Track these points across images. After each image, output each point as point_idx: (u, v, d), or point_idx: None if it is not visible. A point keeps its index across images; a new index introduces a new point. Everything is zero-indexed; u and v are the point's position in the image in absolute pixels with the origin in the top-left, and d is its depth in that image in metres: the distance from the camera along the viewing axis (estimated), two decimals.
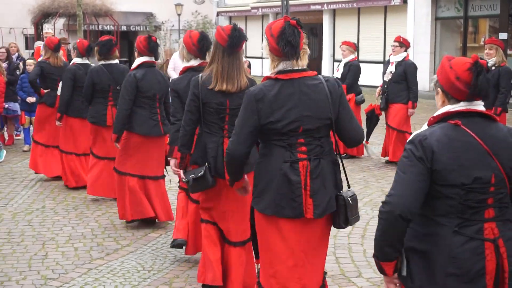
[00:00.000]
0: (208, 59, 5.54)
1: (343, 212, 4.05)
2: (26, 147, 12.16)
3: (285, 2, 18.23)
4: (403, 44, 10.80)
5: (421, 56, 23.18)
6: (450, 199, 3.13)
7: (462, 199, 3.12)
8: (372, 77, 26.90)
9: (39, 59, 11.43)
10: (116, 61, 8.52)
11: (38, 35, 29.37)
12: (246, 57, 14.28)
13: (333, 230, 7.13)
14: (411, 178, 3.12)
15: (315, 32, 30.49)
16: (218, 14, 35.93)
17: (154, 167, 7.34)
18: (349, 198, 4.06)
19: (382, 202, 3.18)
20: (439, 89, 3.28)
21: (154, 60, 7.27)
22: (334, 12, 29.21)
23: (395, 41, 10.89)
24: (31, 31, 32.61)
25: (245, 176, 4.39)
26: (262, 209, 4.01)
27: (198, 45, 5.83)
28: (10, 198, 8.85)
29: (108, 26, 33.23)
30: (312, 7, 29.45)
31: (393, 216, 3.11)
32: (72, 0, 27.91)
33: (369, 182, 9.78)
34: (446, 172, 3.11)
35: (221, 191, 5.17)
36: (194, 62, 5.88)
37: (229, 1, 35.84)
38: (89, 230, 7.36)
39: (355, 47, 11.65)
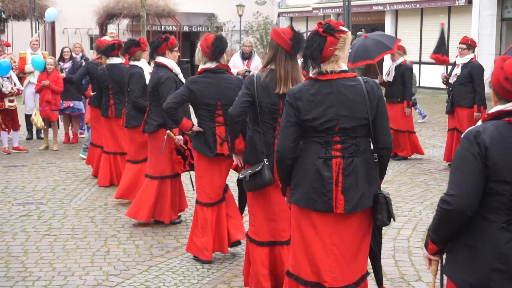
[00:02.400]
0: (222, 61, 6.00)
1: (385, 209, 4.15)
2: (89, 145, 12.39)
3: (346, 2, 18.10)
4: (471, 45, 10.53)
5: (486, 58, 22.68)
6: (500, 195, 3.15)
7: None
8: (434, 78, 26.53)
9: (89, 60, 11.76)
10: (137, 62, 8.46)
11: (103, 36, 29.91)
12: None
13: (393, 233, 7.15)
14: (469, 176, 3.16)
15: None
16: (279, 15, 35.92)
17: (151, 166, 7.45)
18: (389, 196, 4.19)
19: (442, 199, 3.24)
20: (491, 89, 3.31)
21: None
22: (396, 13, 28.88)
23: (462, 42, 10.56)
24: (96, 31, 33.25)
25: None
26: (296, 201, 4.18)
27: (212, 47, 6.05)
28: (74, 195, 9.05)
29: (170, 27, 33.62)
30: (374, 8, 29.18)
31: (453, 214, 3.19)
32: (136, 1, 28.34)
33: (430, 185, 9.64)
34: (497, 167, 3.13)
35: (269, 192, 5.22)
36: (211, 65, 6.09)
37: (290, 1, 35.81)
38: (150, 228, 7.47)
39: (404, 50, 11.46)
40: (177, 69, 7.23)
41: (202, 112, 6.09)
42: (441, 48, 11.85)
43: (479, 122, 3.32)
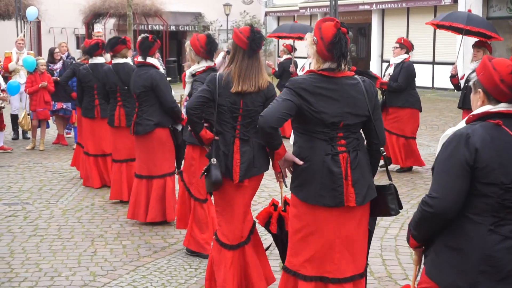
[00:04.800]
0: (216, 60, 6.00)
1: (395, 198, 4.30)
2: (76, 145, 12.32)
3: (333, 2, 18.13)
4: (404, 45, 10.40)
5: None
6: (487, 198, 3.14)
7: (500, 198, 3.13)
8: (421, 78, 26.63)
9: (76, 59, 11.71)
10: (125, 60, 8.46)
11: (89, 35, 29.78)
12: (295, 57, 14.31)
13: (380, 232, 7.17)
14: (455, 179, 3.15)
15: (364, 32, 30.30)
16: (266, 14, 35.94)
17: (140, 166, 7.43)
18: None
19: (424, 201, 3.24)
20: (480, 90, 3.26)
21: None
22: (383, 12, 28.97)
23: (396, 42, 10.50)
24: (82, 31, 33.11)
25: (287, 150, 4.39)
26: (304, 198, 4.21)
27: (206, 47, 6.16)
28: (60, 195, 9.01)
29: (157, 26, 33.52)
30: (361, 7, 29.24)
31: (434, 217, 3.21)
32: (123, 0, 28.26)
33: (417, 183, 9.68)
34: (487, 170, 3.11)
35: (231, 193, 5.19)
36: (207, 64, 6.18)
37: (277, 1, 35.82)
38: (137, 228, 7.45)
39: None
40: (162, 69, 7.27)
41: None
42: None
43: (463, 123, 3.29)
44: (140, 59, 7.25)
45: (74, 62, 11.65)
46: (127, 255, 6.57)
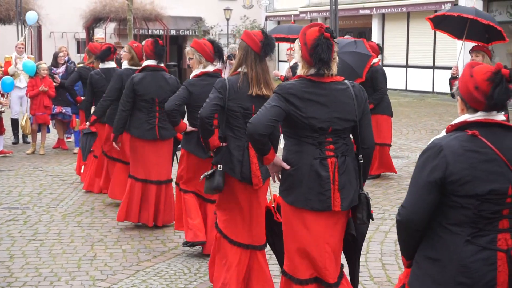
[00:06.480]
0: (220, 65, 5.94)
1: (365, 209, 4.31)
2: (76, 149, 12.30)
3: (333, 6, 18.14)
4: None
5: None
6: (464, 209, 3.08)
7: (476, 209, 3.07)
8: (421, 82, 26.67)
9: (79, 65, 11.66)
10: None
11: (90, 39, 29.82)
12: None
13: (380, 236, 7.16)
14: (422, 190, 3.13)
15: (364, 36, 30.29)
16: (266, 18, 35.96)
17: (155, 171, 7.41)
18: (369, 196, 4.37)
19: (398, 210, 3.25)
20: (458, 97, 3.21)
21: (159, 64, 7.38)
22: (383, 17, 29.00)
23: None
24: (82, 35, 33.15)
25: (276, 155, 4.38)
26: (292, 202, 4.24)
27: (216, 52, 6.32)
28: (60, 200, 9.01)
29: (157, 31, 33.54)
30: (361, 12, 29.28)
31: (404, 226, 3.21)
32: (123, 4, 28.26)
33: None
34: (460, 183, 3.06)
35: (241, 195, 5.23)
36: (211, 68, 6.29)
37: (277, 5, 35.87)
38: (137, 232, 7.45)
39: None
40: None
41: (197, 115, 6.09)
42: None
43: (443, 133, 3.25)
44: (150, 62, 7.27)
45: (78, 66, 11.62)
46: (126, 259, 6.56)
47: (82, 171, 9.79)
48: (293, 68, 14.14)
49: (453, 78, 9.44)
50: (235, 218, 5.28)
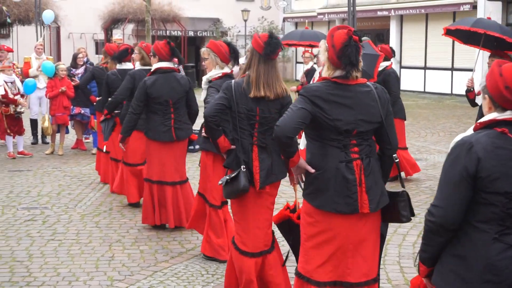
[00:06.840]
0: (236, 67, 6.09)
1: (409, 205, 4.34)
2: (94, 150, 12.32)
3: (351, 7, 18.09)
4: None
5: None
6: (493, 206, 3.09)
7: (505, 207, 3.08)
8: (439, 84, 26.52)
9: (95, 65, 11.72)
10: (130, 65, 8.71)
11: (108, 40, 29.97)
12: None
13: (398, 239, 7.13)
14: (456, 188, 3.12)
15: (382, 38, 30.20)
16: (284, 20, 35.96)
17: (171, 173, 7.40)
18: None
19: (428, 211, 3.22)
20: (486, 96, 3.21)
21: (172, 65, 7.39)
22: (401, 18, 28.88)
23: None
24: (101, 36, 33.33)
25: (301, 158, 4.35)
26: (320, 206, 4.22)
27: (232, 53, 6.28)
28: (79, 200, 9.06)
29: (175, 32, 33.63)
30: (379, 13, 29.18)
31: (439, 226, 3.17)
32: (141, 6, 28.37)
33: (435, 191, 9.59)
34: (490, 179, 3.06)
35: (251, 201, 5.20)
36: (227, 70, 6.28)
37: (295, 6, 35.85)
38: (155, 233, 7.47)
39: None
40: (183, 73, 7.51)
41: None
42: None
43: (470, 130, 3.26)
44: (161, 64, 7.27)
45: (93, 66, 11.72)
46: (144, 260, 6.58)
47: (104, 150, 9.80)
48: (308, 74, 14.13)
49: (469, 91, 9.26)
50: (244, 226, 5.24)
